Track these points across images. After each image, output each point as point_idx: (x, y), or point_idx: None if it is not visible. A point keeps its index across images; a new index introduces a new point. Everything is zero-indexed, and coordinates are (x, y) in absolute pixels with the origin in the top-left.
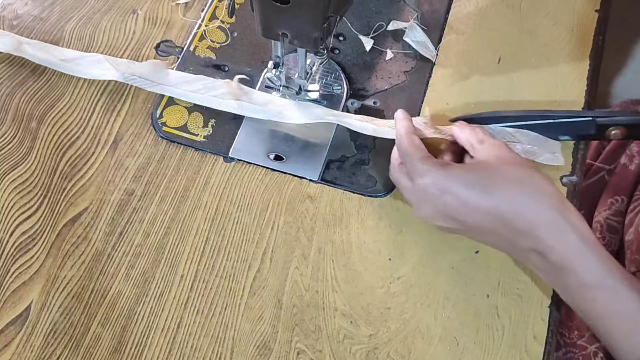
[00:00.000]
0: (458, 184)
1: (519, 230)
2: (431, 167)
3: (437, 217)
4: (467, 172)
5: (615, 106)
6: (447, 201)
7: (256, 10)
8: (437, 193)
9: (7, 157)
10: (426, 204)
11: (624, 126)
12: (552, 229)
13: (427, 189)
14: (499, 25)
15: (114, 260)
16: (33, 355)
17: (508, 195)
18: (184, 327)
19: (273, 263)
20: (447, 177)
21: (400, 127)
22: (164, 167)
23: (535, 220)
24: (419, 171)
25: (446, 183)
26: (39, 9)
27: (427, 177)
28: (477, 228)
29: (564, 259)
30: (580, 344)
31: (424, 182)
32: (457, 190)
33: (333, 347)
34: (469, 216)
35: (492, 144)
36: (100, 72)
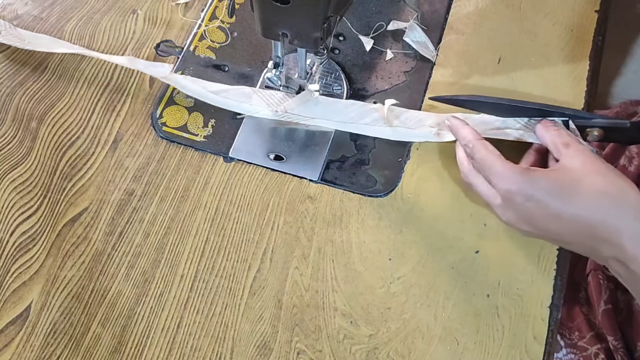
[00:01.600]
0: (542, 192)
1: (601, 239)
2: (516, 174)
3: (521, 222)
4: (551, 179)
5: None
6: (531, 208)
7: (256, 10)
8: (522, 200)
9: (7, 157)
10: (511, 210)
11: (602, 128)
12: (635, 239)
13: (511, 196)
14: (499, 25)
15: (114, 260)
16: (33, 355)
17: (593, 204)
18: (184, 327)
19: (273, 263)
20: (532, 184)
21: (466, 134)
22: (164, 167)
23: (618, 229)
24: (501, 178)
25: (531, 190)
26: (39, 9)
27: (511, 184)
28: (559, 235)
29: None
30: (582, 345)
31: (508, 189)
32: (542, 197)
33: (333, 347)
34: (553, 224)
35: (577, 149)
36: (250, 108)
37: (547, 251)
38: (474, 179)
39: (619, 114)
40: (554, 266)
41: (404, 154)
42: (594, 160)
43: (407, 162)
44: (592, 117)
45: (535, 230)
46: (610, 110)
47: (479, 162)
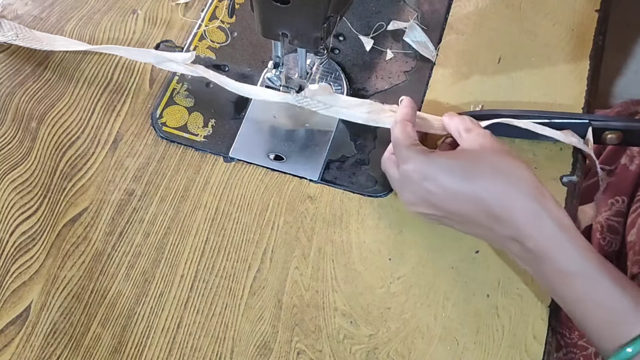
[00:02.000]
0: (439, 171)
1: (497, 218)
2: (415, 153)
3: (418, 203)
4: (449, 159)
5: (615, 106)
6: (428, 187)
7: (256, 10)
8: (419, 179)
9: (7, 157)
10: (408, 190)
11: (619, 131)
12: (529, 217)
13: (409, 174)
14: (499, 25)
15: (114, 260)
16: (33, 355)
17: (488, 183)
18: (184, 327)
19: (273, 263)
20: (429, 163)
21: (397, 114)
22: (164, 167)
23: (513, 207)
24: (403, 157)
25: (428, 169)
26: (39, 9)
27: (409, 163)
28: (457, 215)
29: (541, 247)
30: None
31: (406, 168)
32: (438, 176)
33: (333, 347)
34: (449, 203)
35: (478, 133)
36: (270, 92)
37: None
38: (385, 163)
39: (620, 114)
40: None
41: None
42: (492, 142)
43: None
44: (610, 120)
45: (435, 211)
46: (611, 110)
47: (392, 141)
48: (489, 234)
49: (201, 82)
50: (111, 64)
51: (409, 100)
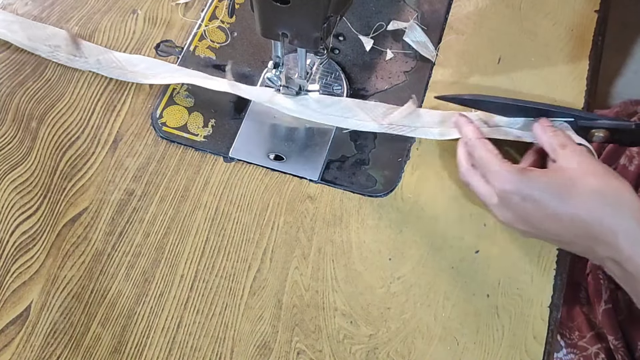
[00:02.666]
0: (539, 191)
1: (597, 239)
2: (512, 174)
3: (518, 222)
4: (548, 179)
5: (614, 106)
6: (528, 208)
7: (256, 10)
8: (519, 200)
9: (7, 157)
10: (507, 209)
11: (607, 129)
12: (630, 239)
13: (508, 195)
14: (499, 25)
15: (114, 260)
16: (33, 355)
17: (589, 204)
18: (184, 327)
19: (273, 263)
20: (529, 184)
21: (468, 132)
22: (164, 167)
23: (614, 229)
24: (499, 177)
25: (527, 190)
26: (39, 9)
27: (508, 184)
28: (556, 235)
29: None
30: (582, 344)
31: (504, 189)
32: (539, 197)
33: (333, 347)
34: (549, 223)
35: (574, 150)
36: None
37: (547, 251)
38: (472, 178)
39: (619, 114)
40: (554, 266)
41: (404, 154)
42: (590, 161)
43: (407, 162)
44: (597, 118)
45: (532, 229)
46: (610, 110)
47: (477, 160)
48: (588, 253)
49: None
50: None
51: (464, 115)
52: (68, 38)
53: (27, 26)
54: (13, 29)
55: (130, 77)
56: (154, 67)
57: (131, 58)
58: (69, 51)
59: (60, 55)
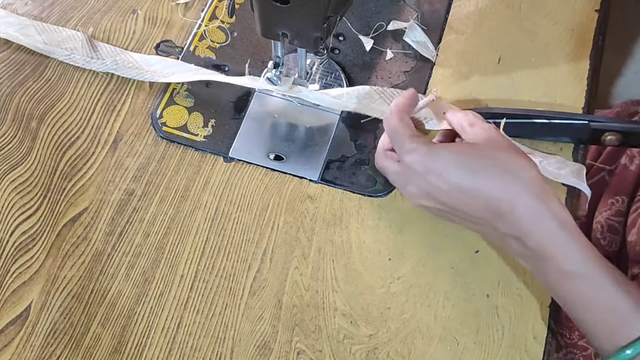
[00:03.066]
0: (443, 164)
1: (499, 214)
2: (418, 145)
3: (421, 196)
4: (453, 152)
5: (615, 106)
6: (431, 180)
7: (256, 10)
8: (422, 171)
9: (7, 157)
10: (411, 182)
11: (619, 132)
12: (532, 215)
13: (412, 167)
14: (499, 25)
15: (114, 260)
16: (33, 355)
17: (492, 178)
18: (184, 327)
19: (273, 263)
20: (433, 156)
21: (393, 105)
22: (164, 167)
23: (516, 205)
24: (406, 149)
25: (431, 162)
26: (39, 9)
27: (413, 155)
28: (459, 210)
29: (542, 246)
30: (581, 344)
31: (410, 160)
32: (442, 169)
33: (333, 347)
34: (452, 197)
35: (482, 127)
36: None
37: None
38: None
39: (619, 114)
40: None
41: None
42: (497, 138)
43: None
44: (609, 122)
45: (437, 205)
46: (611, 110)
47: (389, 131)
48: (490, 230)
49: (201, 82)
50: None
51: (413, 92)
52: (84, 40)
53: (42, 29)
54: (28, 32)
55: (147, 77)
56: (171, 67)
57: (148, 58)
58: (85, 53)
59: (77, 58)
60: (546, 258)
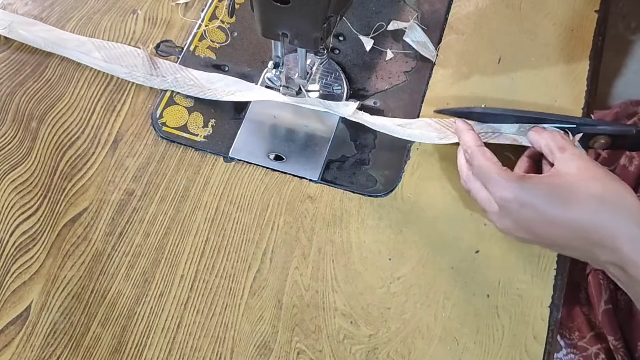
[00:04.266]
0: (538, 198)
1: (598, 244)
2: (511, 181)
3: (518, 230)
4: (547, 185)
5: (614, 107)
6: (527, 215)
7: (256, 10)
8: (518, 207)
9: (7, 157)
10: (507, 217)
11: (609, 136)
12: (632, 243)
13: (507, 203)
14: (499, 25)
15: (114, 260)
16: (33, 355)
17: (589, 209)
18: (184, 327)
19: (273, 263)
20: (527, 191)
21: (468, 140)
22: (164, 167)
23: (615, 234)
24: (497, 185)
25: (526, 197)
26: (39, 9)
27: (507, 192)
28: (556, 241)
29: None
30: (582, 345)
31: (504, 197)
32: (537, 204)
33: (333, 347)
34: (549, 230)
35: (573, 153)
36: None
37: (547, 251)
38: (472, 185)
39: (619, 114)
40: (554, 266)
41: (404, 154)
42: (589, 165)
43: (407, 162)
44: (598, 124)
45: (532, 236)
46: (610, 111)
47: (476, 168)
48: (589, 258)
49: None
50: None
51: (465, 122)
52: (144, 57)
53: (100, 46)
54: (87, 49)
55: (209, 95)
56: (232, 84)
57: (210, 76)
58: (146, 70)
59: (138, 75)
60: None
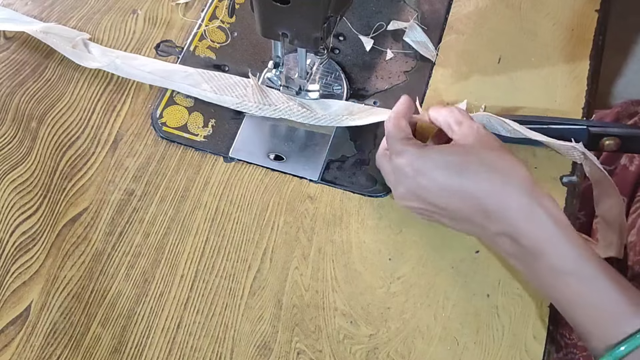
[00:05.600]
0: (432, 165)
1: (489, 213)
2: (408, 147)
3: (410, 197)
4: (442, 154)
5: (615, 106)
6: (420, 182)
7: (256, 10)
8: (412, 173)
9: (7, 157)
10: (401, 184)
11: (617, 137)
12: (524, 213)
13: (402, 168)
14: (499, 25)
15: (114, 260)
16: (33, 355)
17: (480, 177)
18: (184, 327)
19: (273, 263)
20: (422, 157)
21: (392, 111)
22: (164, 167)
23: (507, 203)
24: (396, 151)
25: (421, 164)
26: (39, 9)
27: (403, 157)
28: (448, 211)
29: (535, 243)
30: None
31: (399, 162)
32: (431, 171)
33: (333, 347)
34: (441, 198)
35: (470, 126)
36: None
37: None
38: (380, 159)
39: (619, 114)
40: None
41: None
42: (485, 137)
43: None
44: (609, 126)
45: (425, 205)
46: (611, 111)
47: (386, 135)
48: (480, 231)
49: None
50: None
51: (407, 97)
52: (254, 86)
53: (209, 78)
54: (195, 81)
55: (324, 122)
56: (345, 108)
57: (322, 102)
58: (257, 100)
59: (249, 105)
60: (539, 256)
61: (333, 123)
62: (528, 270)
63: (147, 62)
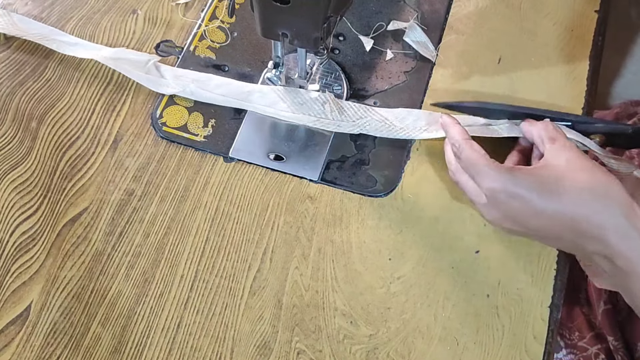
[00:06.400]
0: (526, 189)
1: (586, 235)
2: (499, 173)
3: (506, 220)
4: (535, 176)
5: (614, 107)
6: (515, 206)
7: (256, 10)
8: (506, 198)
9: (7, 157)
10: (495, 208)
11: (603, 134)
12: (619, 235)
13: (495, 194)
14: (499, 25)
15: (114, 260)
16: (33, 355)
17: (577, 200)
18: (184, 327)
19: (273, 263)
20: (516, 182)
21: (455, 133)
22: (164, 167)
23: (603, 225)
24: (486, 176)
25: (514, 188)
26: (39, 9)
27: (495, 183)
28: (543, 232)
29: (629, 264)
30: (582, 345)
31: (492, 187)
32: (526, 195)
33: (333, 347)
34: (537, 221)
35: (564, 145)
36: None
37: (547, 251)
38: (461, 177)
39: (619, 115)
40: (554, 266)
41: (404, 154)
42: (579, 157)
43: (407, 162)
44: (594, 122)
45: (519, 227)
46: (610, 111)
47: (464, 161)
48: (576, 249)
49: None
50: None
51: (451, 116)
52: (331, 103)
53: (284, 94)
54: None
55: (402, 135)
56: (422, 119)
57: (398, 113)
58: (334, 117)
59: (327, 122)
60: (633, 276)
61: (412, 136)
62: (622, 288)
63: (222, 83)
